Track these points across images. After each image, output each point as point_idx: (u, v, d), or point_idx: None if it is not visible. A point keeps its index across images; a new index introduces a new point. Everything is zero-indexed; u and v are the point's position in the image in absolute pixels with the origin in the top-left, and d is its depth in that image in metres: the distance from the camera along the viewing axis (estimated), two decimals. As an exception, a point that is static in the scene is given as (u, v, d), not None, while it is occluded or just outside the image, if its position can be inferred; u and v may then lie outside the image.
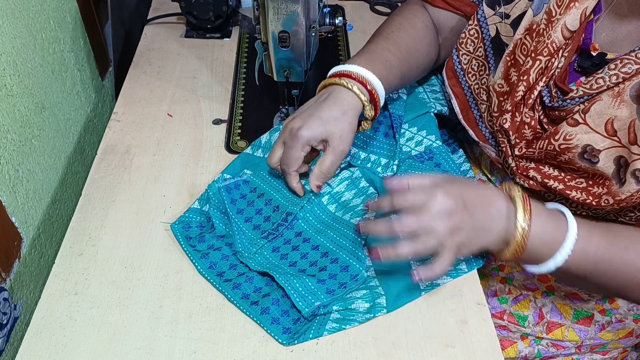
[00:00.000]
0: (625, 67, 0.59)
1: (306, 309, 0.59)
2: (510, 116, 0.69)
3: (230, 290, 0.62)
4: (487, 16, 0.74)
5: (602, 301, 0.75)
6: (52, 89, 0.83)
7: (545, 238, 0.59)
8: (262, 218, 0.70)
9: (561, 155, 0.64)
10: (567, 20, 0.63)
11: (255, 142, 0.78)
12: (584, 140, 0.61)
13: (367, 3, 1.17)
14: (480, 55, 0.75)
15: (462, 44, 0.77)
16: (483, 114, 0.75)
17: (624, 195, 0.59)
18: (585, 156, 0.62)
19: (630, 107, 0.58)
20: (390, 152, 0.77)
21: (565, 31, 0.64)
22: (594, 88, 0.62)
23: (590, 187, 0.63)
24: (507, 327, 0.76)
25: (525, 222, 0.58)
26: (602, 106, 0.60)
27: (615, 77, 0.60)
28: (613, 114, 0.59)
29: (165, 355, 0.58)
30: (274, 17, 0.70)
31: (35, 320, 0.60)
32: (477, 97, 0.76)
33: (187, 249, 0.67)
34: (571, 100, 0.64)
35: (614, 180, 0.60)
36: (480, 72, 0.76)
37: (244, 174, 0.74)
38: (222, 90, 0.92)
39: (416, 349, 0.59)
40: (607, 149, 0.60)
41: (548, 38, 0.64)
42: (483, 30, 0.74)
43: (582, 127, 0.62)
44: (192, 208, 0.72)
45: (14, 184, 0.70)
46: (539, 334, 0.75)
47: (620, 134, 0.59)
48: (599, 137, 0.60)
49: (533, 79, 0.66)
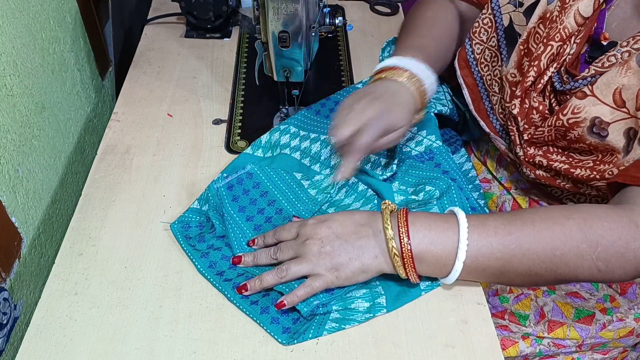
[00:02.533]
0: (638, 43, 0.59)
1: (305, 309, 0.59)
2: (520, 102, 0.69)
3: (230, 290, 0.62)
4: (501, 5, 0.73)
5: (603, 300, 0.75)
6: (52, 89, 0.83)
7: (434, 239, 0.58)
8: (263, 218, 0.70)
9: (570, 132, 0.63)
10: (580, 6, 0.63)
11: (256, 142, 0.78)
12: (592, 113, 0.61)
13: (367, 3, 1.17)
14: (493, 45, 0.75)
15: (475, 33, 0.76)
16: (495, 105, 0.75)
17: (628, 164, 0.58)
18: (594, 130, 0.61)
19: (638, 74, 0.58)
20: (390, 152, 0.77)
21: (578, 17, 0.64)
22: (605, 66, 0.62)
23: (596, 164, 0.63)
24: (509, 327, 0.76)
25: (396, 234, 0.57)
26: (610, 76, 0.60)
27: (627, 54, 0.60)
28: (620, 83, 0.59)
29: (165, 355, 0.58)
30: (274, 17, 0.70)
31: (35, 320, 0.60)
32: (489, 88, 0.76)
33: (187, 249, 0.67)
34: (583, 80, 0.64)
35: (622, 153, 0.60)
36: (492, 63, 0.76)
37: (248, 166, 0.74)
38: (222, 90, 0.92)
39: (416, 349, 0.59)
40: (616, 122, 0.60)
41: (561, 24, 0.64)
42: (497, 19, 0.74)
43: (590, 99, 0.61)
44: (191, 208, 0.72)
45: (14, 184, 0.70)
46: (540, 333, 0.75)
47: (629, 105, 0.58)
48: (607, 108, 0.60)
49: (544, 65, 0.66)
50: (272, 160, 0.76)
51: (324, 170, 0.76)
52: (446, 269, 0.59)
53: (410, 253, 0.57)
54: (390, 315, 0.61)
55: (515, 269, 0.57)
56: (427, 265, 0.59)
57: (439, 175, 0.73)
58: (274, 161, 0.76)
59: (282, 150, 0.78)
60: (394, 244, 0.58)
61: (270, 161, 0.76)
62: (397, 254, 0.58)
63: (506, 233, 0.57)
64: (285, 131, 0.79)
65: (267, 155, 0.77)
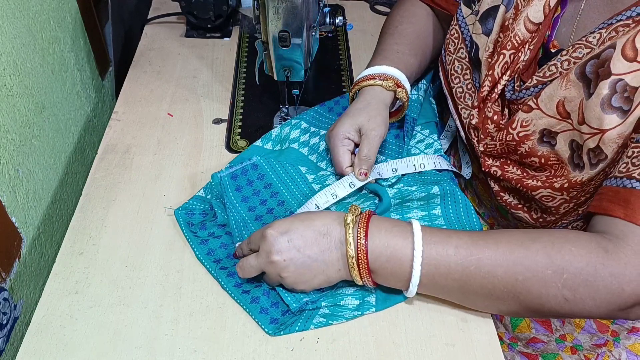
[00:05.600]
0: (576, 52, 0.58)
1: (294, 304, 0.60)
2: (478, 112, 0.68)
3: (224, 278, 0.63)
4: (465, 15, 0.72)
5: None
6: (52, 89, 0.83)
7: (390, 249, 0.56)
8: (265, 209, 0.71)
9: (521, 146, 0.63)
10: (529, 12, 0.62)
11: (266, 135, 0.79)
12: (540, 125, 0.61)
13: (367, 3, 1.17)
14: (462, 57, 0.73)
15: (447, 44, 0.76)
16: (465, 119, 0.73)
17: (582, 178, 0.58)
18: (545, 139, 0.61)
19: (578, 87, 0.57)
20: (398, 155, 0.77)
21: (528, 24, 0.62)
22: (547, 76, 0.61)
23: (549, 179, 0.62)
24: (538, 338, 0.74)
25: (354, 248, 0.56)
26: (552, 89, 0.59)
27: (567, 63, 0.59)
28: (562, 96, 0.58)
29: (166, 354, 0.58)
30: (274, 17, 0.70)
31: (36, 319, 0.60)
32: (459, 101, 0.74)
33: (188, 235, 0.67)
34: (527, 90, 0.63)
35: (569, 166, 0.59)
36: (464, 75, 0.74)
37: (254, 158, 0.74)
38: (222, 90, 0.92)
39: (416, 348, 0.59)
40: (562, 132, 0.59)
41: (512, 32, 0.63)
42: (463, 30, 0.73)
43: (536, 113, 0.61)
44: (196, 195, 0.72)
45: (14, 184, 0.70)
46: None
47: (573, 116, 0.58)
48: (554, 120, 0.60)
49: (498, 74, 0.65)
50: (280, 153, 0.77)
51: (329, 167, 0.76)
52: (405, 284, 0.58)
53: (367, 267, 0.56)
54: (390, 314, 0.62)
55: (475, 291, 0.56)
56: (384, 277, 0.58)
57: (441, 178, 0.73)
58: (282, 154, 0.76)
59: (291, 144, 0.78)
60: (353, 261, 0.56)
61: (277, 154, 0.76)
62: (354, 266, 0.57)
63: (467, 254, 0.55)
64: (296, 126, 0.80)
65: (275, 149, 0.78)
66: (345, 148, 0.71)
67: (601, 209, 0.55)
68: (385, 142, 0.80)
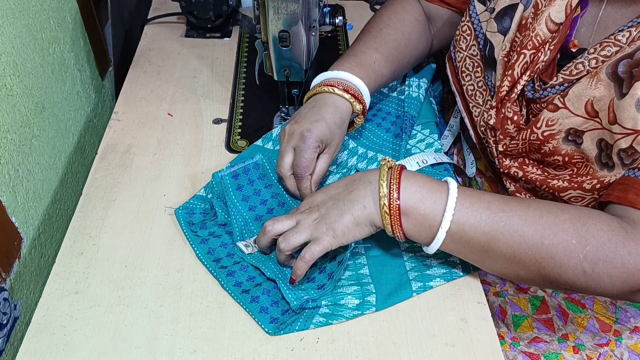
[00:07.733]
0: (605, 50, 0.58)
1: (295, 302, 0.60)
2: (496, 112, 0.67)
3: (224, 277, 0.63)
4: (478, 12, 0.72)
5: None
6: (52, 89, 0.83)
7: (423, 197, 0.57)
8: (265, 209, 0.71)
9: (545, 145, 0.62)
10: (551, 12, 0.62)
11: (267, 135, 0.78)
12: (566, 125, 0.60)
13: (367, 3, 1.17)
14: (474, 54, 0.73)
15: (457, 41, 0.75)
16: (477, 117, 0.73)
17: (612, 179, 0.58)
18: (570, 138, 0.61)
19: (608, 86, 0.57)
20: (396, 152, 0.78)
21: (550, 24, 0.62)
22: (573, 74, 0.61)
23: (573, 177, 0.62)
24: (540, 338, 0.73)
25: (387, 185, 0.57)
26: (580, 88, 0.59)
27: (594, 61, 0.59)
28: (591, 95, 0.58)
29: (166, 354, 0.58)
30: (274, 17, 0.70)
31: (36, 319, 0.60)
32: (471, 99, 0.74)
33: (188, 234, 0.68)
34: (552, 88, 0.63)
35: (596, 164, 0.59)
36: (476, 73, 0.73)
37: (256, 156, 0.74)
38: (222, 90, 0.92)
39: (416, 348, 0.59)
40: (589, 131, 0.59)
41: (533, 31, 0.63)
42: (475, 27, 0.72)
43: (563, 112, 0.60)
44: (197, 195, 0.73)
45: (14, 184, 0.70)
46: None
47: (602, 115, 0.58)
48: (581, 119, 0.59)
49: (518, 74, 0.64)
50: None
51: (330, 166, 0.76)
52: (431, 231, 0.58)
53: (397, 206, 0.57)
54: (390, 314, 0.62)
55: (500, 249, 0.56)
56: (413, 222, 0.58)
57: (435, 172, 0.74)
58: None
59: None
60: (385, 200, 0.57)
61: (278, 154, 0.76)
62: (385, 204, 0.57)
63: (498, 210, 0.56)
64: None
65: (276, 148, 0.78)
66: (315, 154, 0.68)
67: (627, 201, 0.56)
68: (385, 141, 0.80)
